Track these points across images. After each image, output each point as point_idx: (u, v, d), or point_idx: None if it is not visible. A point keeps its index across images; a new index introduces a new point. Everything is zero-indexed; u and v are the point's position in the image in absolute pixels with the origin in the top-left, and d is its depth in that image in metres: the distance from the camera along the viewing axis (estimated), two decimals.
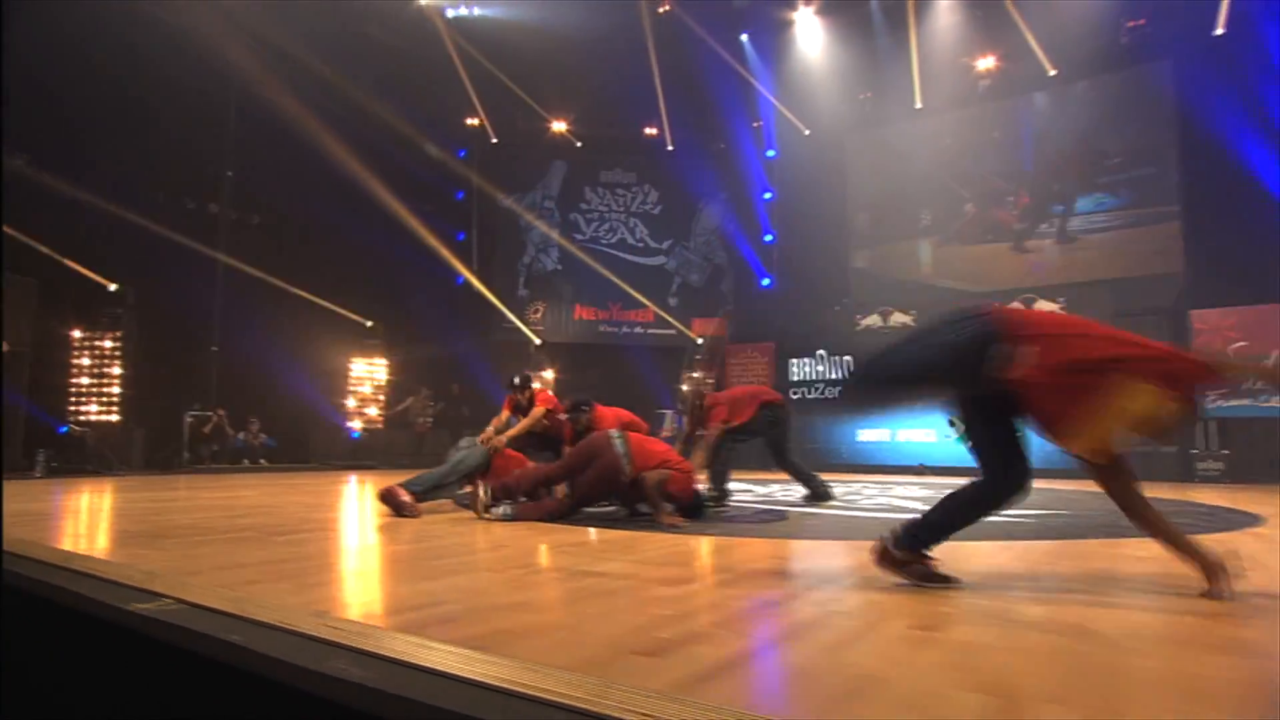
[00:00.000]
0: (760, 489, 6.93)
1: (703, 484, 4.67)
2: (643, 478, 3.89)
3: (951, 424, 9.58)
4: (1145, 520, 2.09)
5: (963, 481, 2.24)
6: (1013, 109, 12.83)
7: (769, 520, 4.26)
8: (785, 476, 5.69)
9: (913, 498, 5.82)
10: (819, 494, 5.27)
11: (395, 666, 1.19)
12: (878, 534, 2.24)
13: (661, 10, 13.60)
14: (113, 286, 8.95)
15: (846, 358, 11.46)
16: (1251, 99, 10.33)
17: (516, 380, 5.12)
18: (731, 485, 5.31)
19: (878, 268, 13.92)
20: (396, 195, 12.44)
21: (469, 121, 15.09)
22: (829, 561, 2.98)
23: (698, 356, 11.08)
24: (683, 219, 15.74)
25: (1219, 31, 10.73)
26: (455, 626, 1.58)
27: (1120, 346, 2.01)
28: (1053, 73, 12.17)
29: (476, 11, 13.22)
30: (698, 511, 4.09)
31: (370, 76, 12.57)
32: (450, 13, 13.04)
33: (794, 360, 11.95)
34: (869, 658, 1.38)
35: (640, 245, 15.81)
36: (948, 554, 2.25)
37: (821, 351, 11.76)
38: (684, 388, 5.88)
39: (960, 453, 8.33)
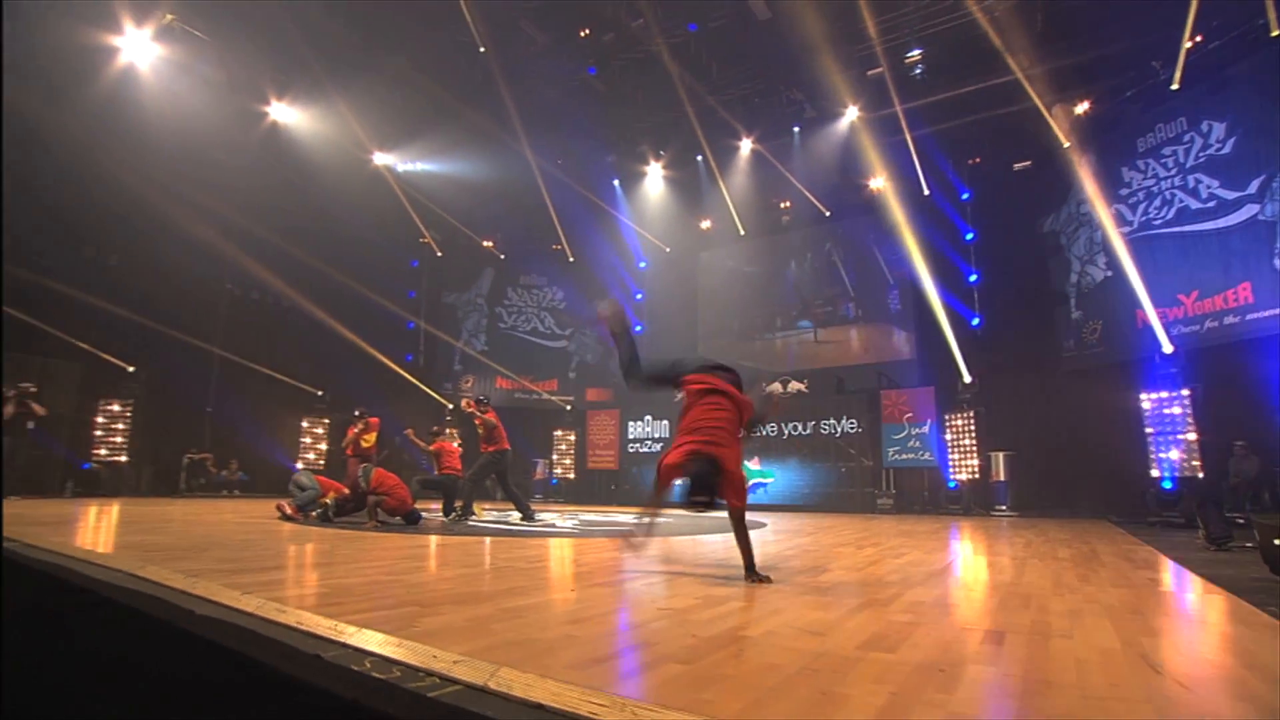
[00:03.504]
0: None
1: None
2: (370, 494, 6.42)
3: None
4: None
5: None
6: (802, 237, 15.80)
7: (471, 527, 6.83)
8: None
9: (587, 522, 8.32)
10: (526, 515, 7.67)
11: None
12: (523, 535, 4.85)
13: (559, 162, 16.78)
14: (130, 368, 11.78)
15: (664, 421, 14.06)
16: (943, 241, 13.22)
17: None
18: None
19: (714, 353, 16.74)
20: (361, 295, 15.23)
21: (421, 240, 18.11)
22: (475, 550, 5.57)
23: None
24: (581, 312, 18.56)
25: (925, 192, 13.65)
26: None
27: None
28: (828, 214, 15.15)
29: (419, 167, 16.39)
30: (414, 522, 6.50)
31: (344, 212, 15.62)
32: (400, 168, 16.20)
33: (631, 422, 14.55)
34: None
35: (548, 332, 18.61)
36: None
37: (649, 416, 14.36)
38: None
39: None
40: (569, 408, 16.88)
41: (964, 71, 11.78)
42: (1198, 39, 10.21)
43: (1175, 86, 10.12)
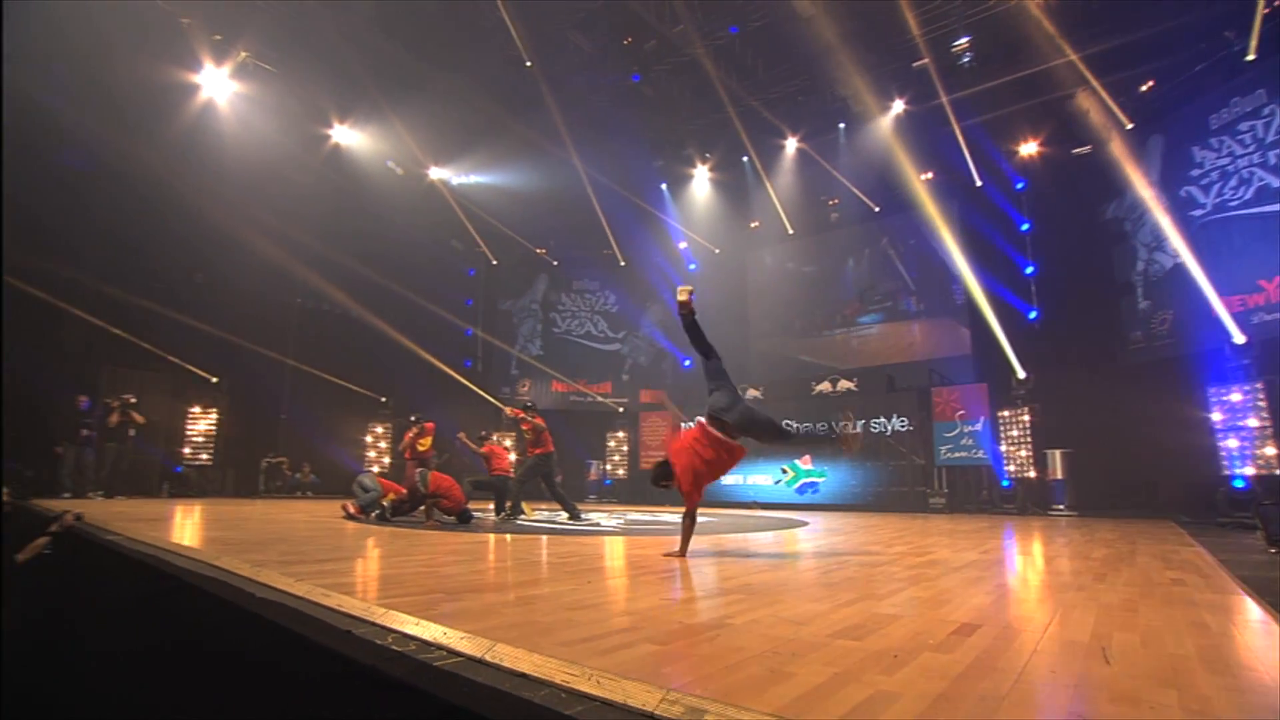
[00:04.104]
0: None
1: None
2: (428, 497, 6.89)
3: (783, 471, 12.37)
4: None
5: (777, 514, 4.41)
6: (852, 234, 15.62)
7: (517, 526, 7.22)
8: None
9: (632, 521, 8.57)
10: (573, 515, 8.00)
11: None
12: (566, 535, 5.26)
13: (608, 169, 17.12)
14: (213, 379, 12.84)
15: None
16: (996, 233, 12.86)
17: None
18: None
19: (767, 352, 16.74)
20: (421, 305, 16.02)
21: (475, 249, 18.80)
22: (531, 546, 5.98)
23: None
24: (633, 315, 18.90)
25: (978, 184, 13.30)
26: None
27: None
28: (877, 209, 14.94)
29: (473, 179, 17.07)
30: (466, 521, 6.94)
31: (404, 226, 16.45)
32: (455, 181, 16.92)
33: (683, 424, 14.69)
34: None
35: (601, 335, 19.01)
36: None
37: (700, 418, 14.47)
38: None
39: (780, 492, 11.11)
40: (621, 410, 17.22)
41: (1015, 57, 11.44)
42: (1276, 4, 9.60)
43: (1251, 57, 9.54)
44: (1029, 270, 12.37)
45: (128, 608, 3.30)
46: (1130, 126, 11.15)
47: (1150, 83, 11.04)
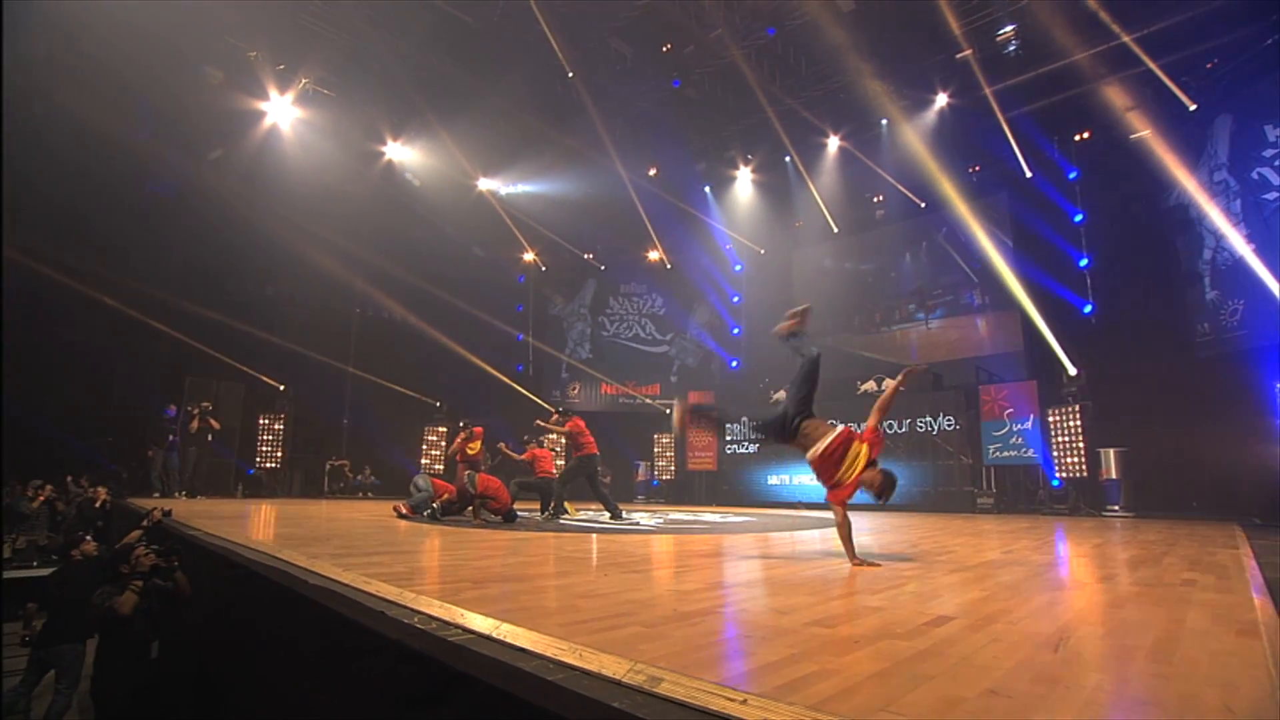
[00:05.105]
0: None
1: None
2: (476, 498, 7.35)
3: None
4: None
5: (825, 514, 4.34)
6: (899, 230, 15.42)
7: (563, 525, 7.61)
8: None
9: (672, 520, 8.81)
10: (614, 514, 8.32)
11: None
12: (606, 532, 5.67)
13: (652, 173, 17.42)
14: (281, 387, 13.79)
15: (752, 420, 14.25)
16: (1048, 226, 12.51)
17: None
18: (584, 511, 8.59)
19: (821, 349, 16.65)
20: (473, 313, 16.73)
21: (526, 257, 19.42)
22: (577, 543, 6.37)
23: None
24: (680, 317, 19.13)
25: (1028, 174, 12.94)
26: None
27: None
28: (923, 205, 14.71)
29: (520, 188, 17.65)
30: (511, 520, 7.37)
31: (455, 236, 17.20)
32: (503, 191, 17.54)
33: (728, 425, 14.86)
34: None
35: (649, 338, 19.31)
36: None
37: (745, 418, 14.59)
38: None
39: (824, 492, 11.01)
40: (668, 411, 17.47)
41: (1063, 43, 11.11)
42: None
43: None
44: (1083, 263, 11.99)
45: (206, 591, 3.78)
46: (1194, 108, 10.70)
47: (1214, 60, 10.55)
